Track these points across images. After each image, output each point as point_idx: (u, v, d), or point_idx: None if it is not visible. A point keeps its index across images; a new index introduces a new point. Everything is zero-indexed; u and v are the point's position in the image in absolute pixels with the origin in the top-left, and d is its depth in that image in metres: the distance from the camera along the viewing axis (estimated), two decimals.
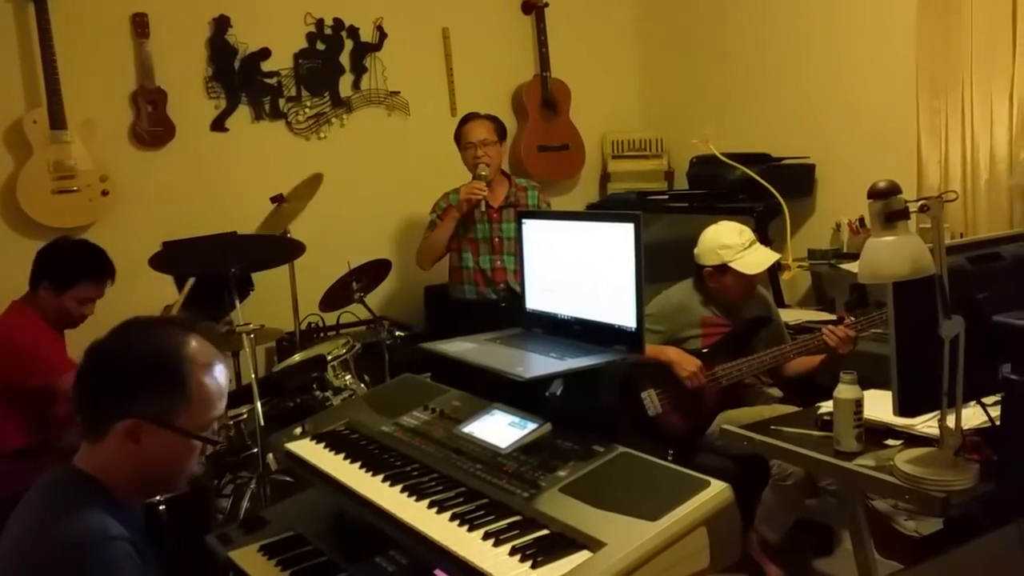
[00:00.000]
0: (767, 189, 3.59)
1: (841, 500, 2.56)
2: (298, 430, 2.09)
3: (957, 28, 3.30)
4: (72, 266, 2.76)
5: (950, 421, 1.73)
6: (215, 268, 2.91)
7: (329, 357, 3.30)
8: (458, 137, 3.57)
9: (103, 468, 1.37)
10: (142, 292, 3.32)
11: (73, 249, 2.87)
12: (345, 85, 4.22)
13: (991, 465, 1.77)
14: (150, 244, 3.39)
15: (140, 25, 3.71)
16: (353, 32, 4.22)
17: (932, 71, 3.40)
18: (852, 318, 2.73)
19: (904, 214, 1.66)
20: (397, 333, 3.67)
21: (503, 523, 1.47)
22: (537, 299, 2.16)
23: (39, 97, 3.52)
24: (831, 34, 3.90)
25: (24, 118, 3.50)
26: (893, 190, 1.67)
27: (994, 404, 1.85)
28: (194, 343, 1.39)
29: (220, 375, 1.41)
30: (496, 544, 1.41)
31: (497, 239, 3.56)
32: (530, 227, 2.17)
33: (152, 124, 3.77)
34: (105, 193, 3.63)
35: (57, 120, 3.49)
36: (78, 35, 3.60)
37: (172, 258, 3.14)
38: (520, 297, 2.21)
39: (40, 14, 3.45)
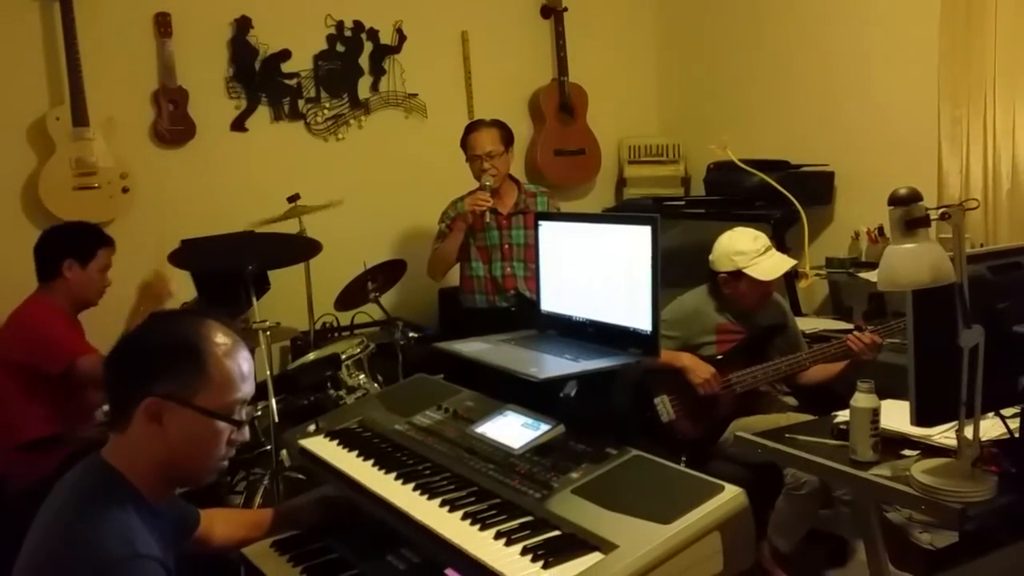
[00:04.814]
0: (785, 196, 3.57)
1: (856, 510, 2.54)
2: (312, 427, 2.10)
3: (980, 37, 3.28)
4: (88, 239, 2.89)
5: (968, 432, 1.71)
6: (233, 265, 2.94)
7: (343, 356, 3.31)
8: (464, 146, 3.52)
9: (129, 459, 1.37)
10: None
11: (78, 226, 3.00)
12: (364, 87, 4.24)
13: (1009, 477, 1.75)
14: (169, 241, 3.41)
15: (163, 25, 3.74)
16: (373, 34, 4.23)
17: (954, 79, 3.38)
18: (874, 326, 2.71)
19: (925, 221, 1.64)
20: (411, 334, 3.66)
21: (515, 523, 1.47)
22: (552, 301, 2.15)
23: (62, 95, 3.56)
24: (852, 42, 3.88)
25: (47, 115, 3.54)
26: (914, 197, 1.66)
27: (1013, 416, 1.84)
28: (213, 326, 1.42)
29: (242, 358, 1.42)
30: (508, 544, 1.41)
31: (507, 246, 3.54)
32: (547, 229, 2.17)
33: (173, 123, 3.80)
34: (125, 190, 3.66)
35: (80, 117, 3.53)
36: (102, 34, 3.64)
37: (190, 255, 3.16)
38: (531, 303, 2.21)
39: (65, 13, 3.48)
